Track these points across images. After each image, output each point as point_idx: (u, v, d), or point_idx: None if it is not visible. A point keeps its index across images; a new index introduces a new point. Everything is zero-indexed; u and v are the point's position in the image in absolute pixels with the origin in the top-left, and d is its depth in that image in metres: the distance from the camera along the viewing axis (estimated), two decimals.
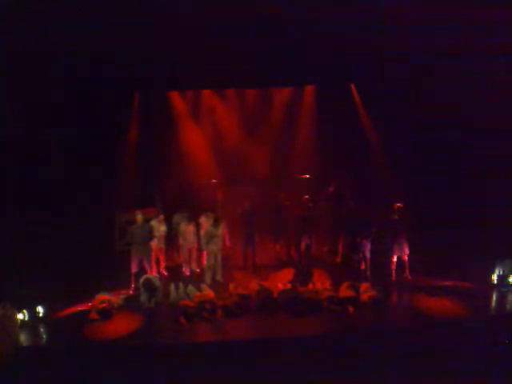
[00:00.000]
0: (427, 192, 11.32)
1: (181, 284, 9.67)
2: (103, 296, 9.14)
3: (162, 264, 11.21)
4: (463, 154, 11.04)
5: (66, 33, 9.06)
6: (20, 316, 8.50)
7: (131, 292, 9.97)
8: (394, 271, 10.12)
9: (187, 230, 10.96)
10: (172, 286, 9.59)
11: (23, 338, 8.23)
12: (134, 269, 10.12)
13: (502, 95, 10.10)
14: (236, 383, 7.17)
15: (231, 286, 9.70)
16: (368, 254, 10.36)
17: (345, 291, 9.09)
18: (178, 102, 14.30)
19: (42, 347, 8.11)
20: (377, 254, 10.45)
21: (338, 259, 11.46)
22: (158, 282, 9.53)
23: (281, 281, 9.91)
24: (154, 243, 10.57)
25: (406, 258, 10.06)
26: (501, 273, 9.44)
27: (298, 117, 14.45)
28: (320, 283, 9.66)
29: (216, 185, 13.97)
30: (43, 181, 10.47)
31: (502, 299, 9.14)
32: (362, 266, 10.50)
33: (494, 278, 9.45)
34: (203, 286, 9.75)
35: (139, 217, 10.32)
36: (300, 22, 9.31)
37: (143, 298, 9.29)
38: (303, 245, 11.19)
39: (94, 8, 8.58)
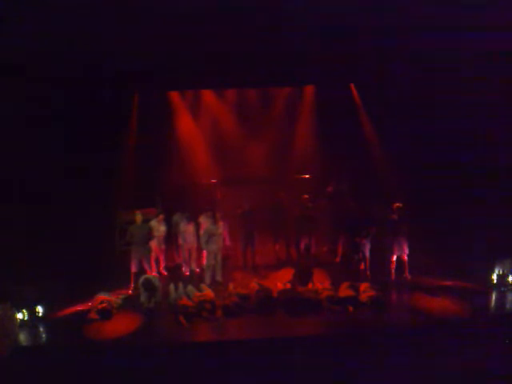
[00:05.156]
0: (427, 191, 11.31)
1: (181, 284, 9.68)
2: (103, 296, 9.15)
3: (162, 264, 11.22)
4: (464, 153, 11.03)
5: (66, 32, 9.07)
6: (20, 316, 8.51)
7: (131, 292, 9.99)
8: (393, 271, 10.13)
9: (187, 229, 10.98)
10: (172, 286, 9.59)
11: (23, 337, 8.23)
12: (134, 269, 10.15)
13: (503, 95, 10.10)
14: (236, 383, 7.18)
15: (231, 286, 9.71)
16: (367, 254, 10.38)
17: (344, 291, 9.10)
18: (178, 101, 14.30)
19: (42, 347, 8.11)
20: (376, 254, 10.46)
21: (338, 259, 11.47)
22: (157, 282, 9.53)
23: (281, 281, 9.94)
24: (153, 243, 10.59)
25: (406, 257, 10.07)
26: (501, 273, 9.44)
27: (297, 117, 14.44)
28: (320, 283, 9.67)
29: (216, 185, 13.97)
30: (43, 181, 10.46)
31: (501, 299, 9.15)
32: (362, 266, 10.51)
33: (494, 277, 9.45)
34: (203, 285, 9.76)
35: (138, 217, 10.36)
36: (300, 22, 9.30)
37: (143, 297, 9.30)
38: (303, 244, 11.21)
39: (94, 8, 8.58)
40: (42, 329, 8.57)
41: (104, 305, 8.90)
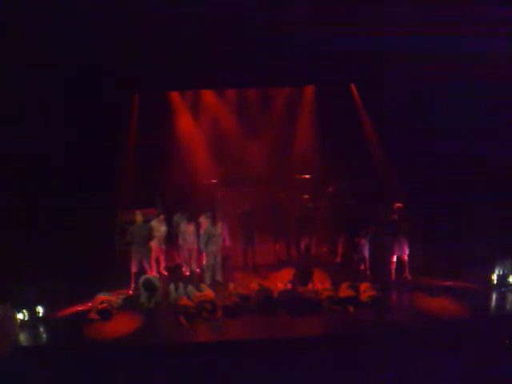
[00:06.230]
0: (427, 191, 11.31)
1: (181, 284, 9.68)
2: (103, 296, 9.15)
3: (162, 264, 11.22)
4: (464, 152, 11.02)
5: (66, 32, 9.07)
6: (20, 316, 8.51)
7: (131, 292, 9.99)
8: (393, 271, 10.13)
9: (187, 230, 10.97)
10: (172, 286, 9.59)
11: (23, 337, 8.23)
12: (134, 269, 10.15)
13: (502, 97, 10.10)
14: (236, 383, 7.18)
15: (231, 286, 9.71)
16: (367, 254, 10.37)
17: (345, 291, 9.11)
18: (178, 101, 14.29)
19: (42, 347, 8.10)
20: (376, 254, 10.46)
21: (338, 259, 11.47)
22: (157, 282, 9.54)
23: (281, 281, 9.93)
24: (153, 243, 10.59)
25: (406, 257, 10.07)
26: (501, 273, 9.44)
27: (297, 117, 14.44)
28: (320, 283, 9.67)
29: (216, 185, 13.97)
30: (43, 181, 10.46)
31: (501, 299, 9.15)
32: (362, 266, 10.51)
33: (494, 278, 9.45)
34: (203, 286, 9.76)
35: (138, 217, 10.36)
36: (300, 22, 9.30)
37: (143, 298, 9.30)
38: (303, 245, 11.20)
39: (94, 7, 8.58)
40: (41, 329, 8.57)
41: (104, 305, 8.90)
